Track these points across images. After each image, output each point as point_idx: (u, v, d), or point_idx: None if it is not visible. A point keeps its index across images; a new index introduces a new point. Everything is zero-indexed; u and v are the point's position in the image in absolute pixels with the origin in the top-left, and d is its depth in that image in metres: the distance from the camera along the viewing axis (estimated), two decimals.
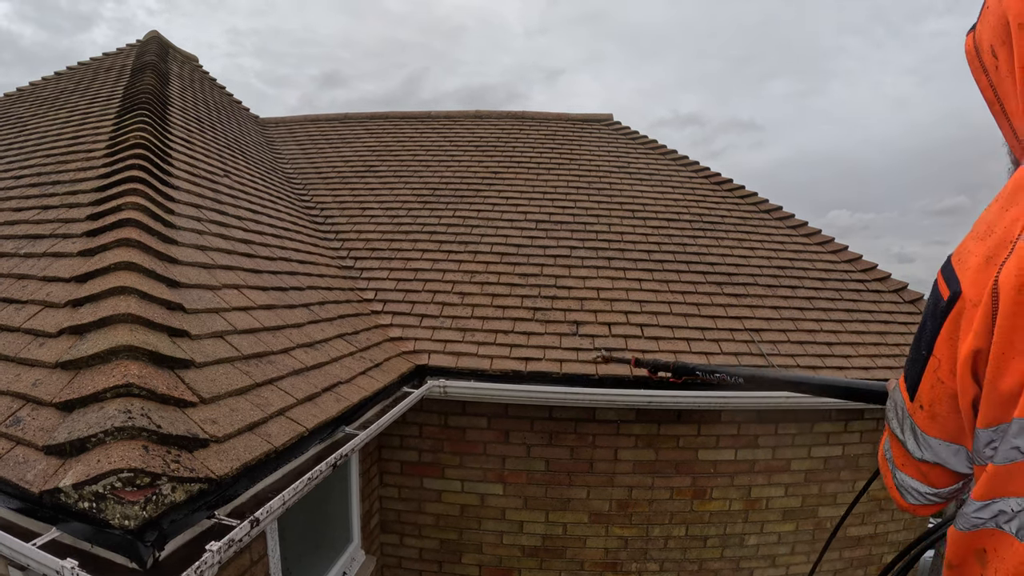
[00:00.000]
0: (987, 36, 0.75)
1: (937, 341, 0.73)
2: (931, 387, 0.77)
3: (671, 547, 3.98)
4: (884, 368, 3.76)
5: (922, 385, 0.79)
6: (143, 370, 1.68)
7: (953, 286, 0.70)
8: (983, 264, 0.66)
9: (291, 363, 2.49)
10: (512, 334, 3.85)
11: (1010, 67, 0.72)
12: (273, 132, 7.48)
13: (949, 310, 0.70)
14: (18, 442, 1.50)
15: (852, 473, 4.05)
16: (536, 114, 7.74)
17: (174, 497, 1.39)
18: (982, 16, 0.78)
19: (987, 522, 0.70)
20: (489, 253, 4.69)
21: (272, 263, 3.41)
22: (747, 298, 4.33)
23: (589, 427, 3.80)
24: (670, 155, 6.68)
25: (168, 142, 3.74)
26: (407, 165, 6.25)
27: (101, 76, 5.29)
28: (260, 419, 1.93)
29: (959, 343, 0.69)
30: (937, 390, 0.76)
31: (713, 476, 3.91)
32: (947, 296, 0.70)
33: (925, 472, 0.84)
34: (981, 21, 0.78)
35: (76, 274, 2.11)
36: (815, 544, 4.11)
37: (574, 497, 3.90)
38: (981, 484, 0.70)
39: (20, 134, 4.19)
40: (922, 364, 0.78)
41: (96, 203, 2.64)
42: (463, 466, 3.89)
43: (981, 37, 0.77)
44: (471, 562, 4.02)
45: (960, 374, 0.69)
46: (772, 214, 5.57)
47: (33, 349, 1.84)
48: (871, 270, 4.86)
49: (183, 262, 2.48)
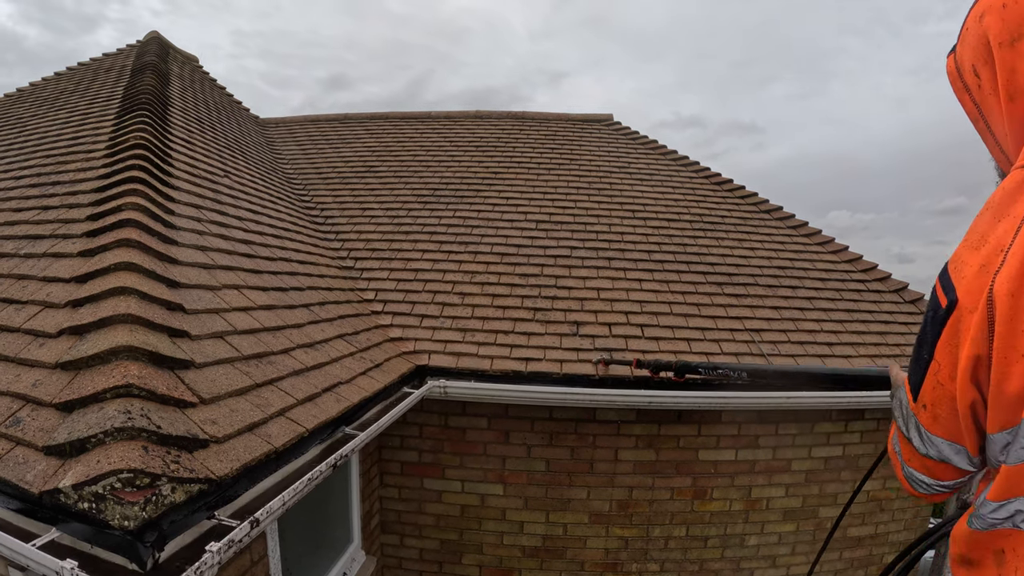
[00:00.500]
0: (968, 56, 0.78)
1: (937, 346, 0.76)
2: (932, 389, 0.80)
3: (671, 547, 3.98)
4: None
5: (924, 387, 0.82)
6: (143, 371, 1.68)
7: (950, 294, 0.73)
8: (978, 273, 0.69)
9: (291, 363, 2.49)
10: (512, 334, 3.85)
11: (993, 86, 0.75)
12: (273, 132, 7.48)
13: (947, 317, 0.73)
14: (18, 442, 1.50)
15: (853, 473, 4.04)
16: (536, 114, 7.74)
17: (174, 498, 1.38)
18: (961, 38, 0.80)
19: (1004, 522, 0.71)
20: (489, 253, 4.69)
21: (272, 263, 3.41)
22: (747, 298, 4.33)
23: (589, 427, 3.80)
24: (670, 155, 6.68)
25: (168, 142, 3.74)
26: (407, 165, 6.25)
27: (101, 76, 5.29)
28: (260, 419, 1.93)
29: (959, 349, 0.72)
30: (938, 392, 0.79)
31: (714, 476, 3.90)
32: (945, 304, 0.73)
33: (930, 467, 0.87)
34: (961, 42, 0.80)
35: (76, 274, 2.11)
36: (815, 544, 4.11)
37: (574, 497, 3.90)
38: (997, 484, 0.71)
39: (20, 134, 4.19)
40: (924, 367, 0.81)
41: (96, 203, 2.64)
42: (463, 466, 3.89)
43: (962, 58, 0.80)
44: (471, 563, 4.02)
45: (960, 379, 0.72)
46: (772, 214, 5.57)
47: (33, 349, 1.84)
48: (871, 270, 4.85)
49: (183, 262, 2.48)
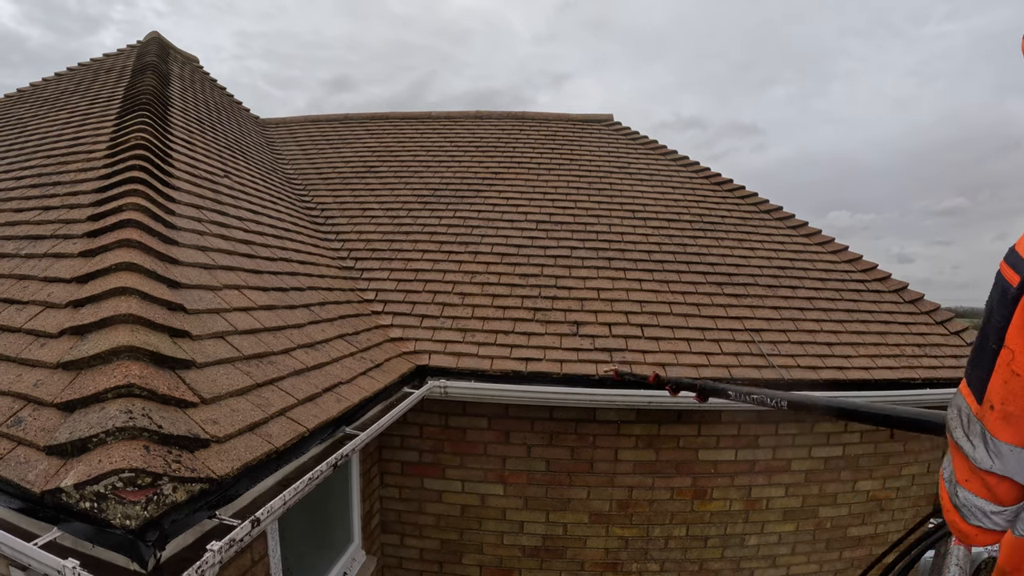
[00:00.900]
0: None
1: (1009, 331, 0.67)
2: (1004, 383, 0.71)
3: (672, 547, 3.98)
4: (884, 368, 3.77)
5: (992, 383, 0.72)
6: (144, 370, 1.68)
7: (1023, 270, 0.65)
8: None
9: (292, 363, 2.49)
10: (512, 334, 3.85)
11: None
12: (274, 133, 7.49)
13: (1020, 296, 0.65)
14: (19, 442, 1.50)
15: (852, 473, 4.05)
16: (536, 115, 7.74)
17: (175, 497, 1.39)
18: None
19: None
20: (489, 253, 4.69)
21: (273, 264, 3.41)
22: (747, 298, 4.34)
23: (589, 427, 3.80)
24: (670, 155, 6.68)
25: (169, 143, 3.74)
26: (407, 165, 6.26)
27: (102, 77, 5.30)
28: (261, 419, 1.94)
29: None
30: (1011, 385, 0.69)
31: (713, 476, 3.91)
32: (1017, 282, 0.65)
33: (992, 485, 0.76)
34: None
35: (77, 275, 2.12)
36: (815, 544, 4.11)
37: (574, 497, 3.90)
38: None
39: (21, 135, 4.20)
40: (991, 359, 0.71)
41: (97, 204, 2.65)
42: (464, 466, 3.89)
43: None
44: (471, 562, 4.02)
45: None
46: (772, 214, 5.57)
47: (34, 350, 1.85)
48: (871, 270, 4.86)
49: (184, 263, 2.49)
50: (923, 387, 3.67)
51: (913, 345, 4.06)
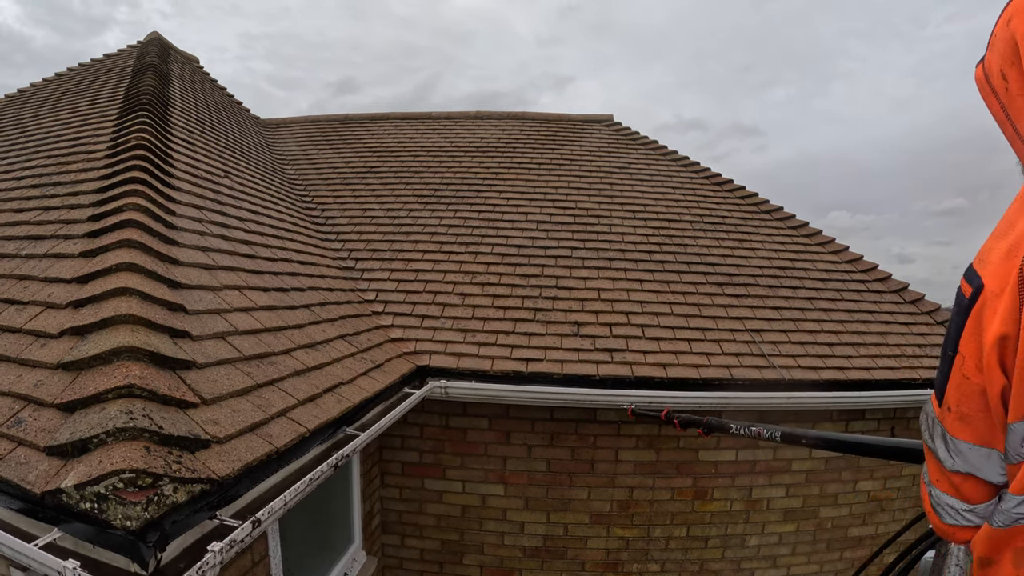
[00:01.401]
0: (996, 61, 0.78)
1: (962, 337, 0.74)
2: (957, 386, 0.77)
3: (672, 548, 3.98)
4: (885, 368, 3.76)
5: (949, 386, 0.79)
6: (144, 371, 1.68)
7: (975, 282, 0.72)
8: (1005, 256, 0.68)
9: (292, 364, 2.49)
10: (513, 335, 3.85)
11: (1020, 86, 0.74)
12: (274, 133, 7.49)
13: (972, 304, 0.72)
14: (20, 443, 1.50)
15: (853, 473, 4.04)
16: (536, 115, 7.74)
17: (176, 498, 1.39)
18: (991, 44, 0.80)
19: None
20: (490, 254, 4.69)
21: (273, 264, 3.41)
22: (748, 299, 4.33)
23: (590, 428, 3.80)
24: (670, 155, 6.68)
25: (169, 143, 3.74)
26: (408, 166, 6.26)
27: (102, 77, 5.30)
28: (261, 420, 1.94)
29: (983, 334, 0.70)
30: (964, 388, 0.76)
31: (714, 477, 3.90)
32: (970, 293, 0.72)
33: (958, 485, 0.82)
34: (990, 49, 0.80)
35: (77, 275, 2.12)
36: (816, 545, 4.11)
37: (575, 498, 3.90)
38: (1020, 478, 0.70)
39: (21, 135, 4.20)
40: (948, 364, 0.78)
41: (97, 204, 2.65)
42: (464, 467, 3.89)
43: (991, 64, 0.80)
44: (472, 563, 4.02)
45: (987, 364, 0.70)
46: (773, 215, 5.57)
47: (35, 350, 1.85)
48: (872, 271, 4.85)
49: (184, 263, 2.49)
50: (924, 387, 3.67)
51: (914, 345, 4.06)
